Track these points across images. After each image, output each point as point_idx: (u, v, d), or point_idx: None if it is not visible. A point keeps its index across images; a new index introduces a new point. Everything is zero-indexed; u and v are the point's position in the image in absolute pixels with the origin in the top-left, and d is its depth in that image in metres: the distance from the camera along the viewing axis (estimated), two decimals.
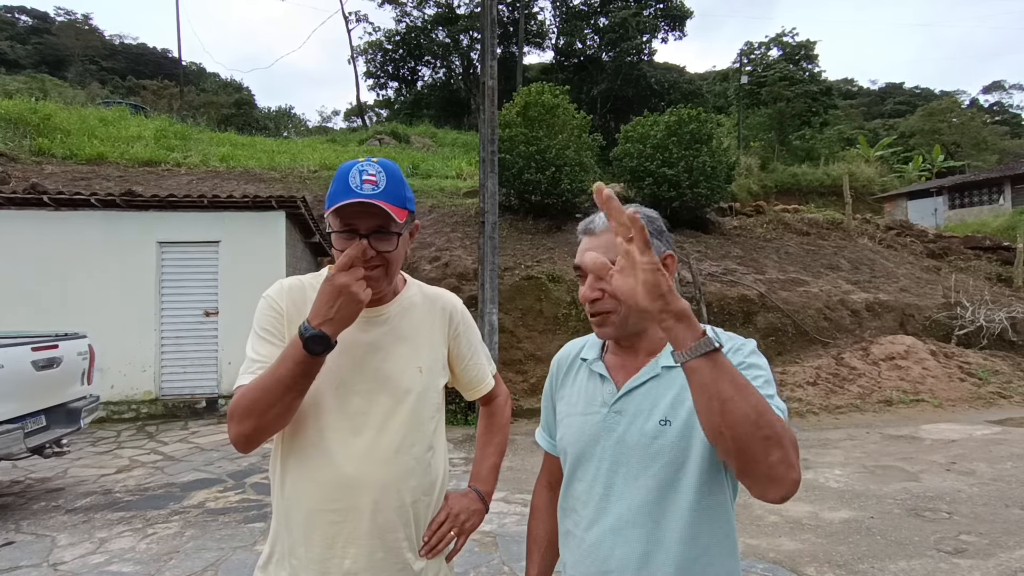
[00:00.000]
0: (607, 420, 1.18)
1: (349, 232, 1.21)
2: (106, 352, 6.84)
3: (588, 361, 1.27)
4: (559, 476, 1.34)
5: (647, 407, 1.15)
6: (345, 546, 1.26)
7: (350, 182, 1.20)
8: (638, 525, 1.11)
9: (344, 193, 1.19)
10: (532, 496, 1.46)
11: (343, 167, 1.24)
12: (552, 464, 1.40)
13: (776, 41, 29.89)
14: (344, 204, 1.17)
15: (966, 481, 5.14)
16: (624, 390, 1.18)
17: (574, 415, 1.25)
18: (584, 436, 1.21)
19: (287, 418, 1.20)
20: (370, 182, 1.21)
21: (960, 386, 8.55)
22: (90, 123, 16.54)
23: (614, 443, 1.16)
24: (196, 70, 44.57)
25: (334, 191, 1.21)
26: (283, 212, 8.43)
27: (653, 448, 1.12)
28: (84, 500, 4.79)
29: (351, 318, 1.15)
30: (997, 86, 59.70)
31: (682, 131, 12.41)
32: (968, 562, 3.60)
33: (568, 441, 1.25)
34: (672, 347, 0.95)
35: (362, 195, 1.18)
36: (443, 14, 32.86)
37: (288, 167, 16.16)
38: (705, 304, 9.60)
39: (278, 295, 1.32)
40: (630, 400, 1.17)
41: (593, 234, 1.21)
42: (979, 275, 12.72)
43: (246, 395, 1.16)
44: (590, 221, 1.24)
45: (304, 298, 1.31)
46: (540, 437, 1.43)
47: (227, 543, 3.89)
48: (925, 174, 28.21)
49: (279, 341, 1.27)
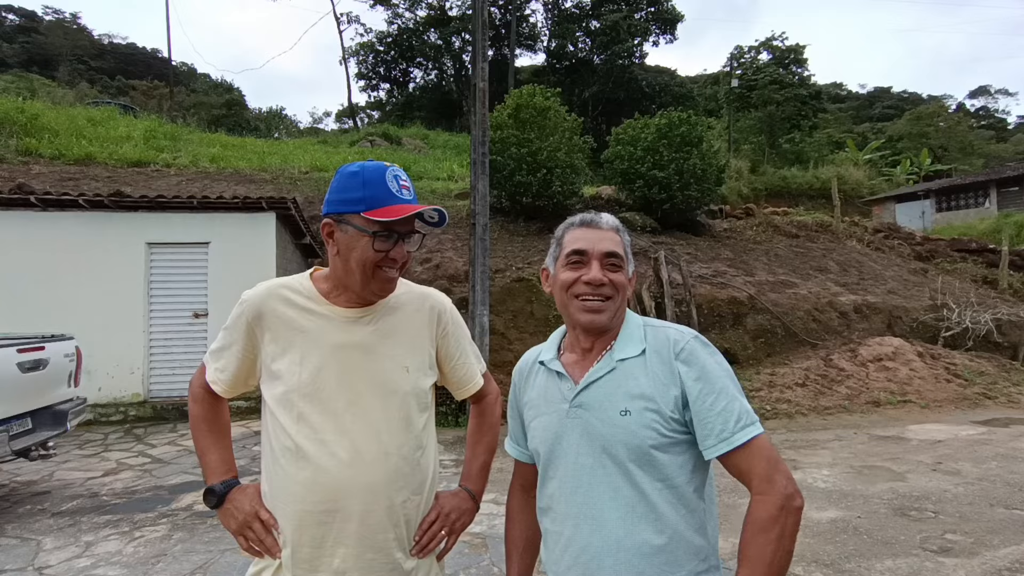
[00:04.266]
0: (569, 415, 1.22)
1: (389, 234, 1.27)
2: (94, 354, 6.77)
3: (546, 362, 1.31)
4: (532, 480, 1.38)
5: (606, 399, 1.19)
6: (334, 546, 1.26)
7: (390, 187, 1.27)
8: (608, 512, 1.16)
9: (390, 198, 1.26)
10: (507, 501, 1.50)
11: (370, 172, 1.28)
12: (523, 470, 1.44)
13: (766, 45, 30.17)
14: (404, 216, 1.25)
15: (952, 481, 5.19)
16: (582, 384, 1.22)
17: (539, 416, 1.29)
18: (549, 434, 1.25)
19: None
20: (406, 188, 1.30)
21: (946, 387, 8.64)
22: (78, 123, 16.39)
23: (578, 437, 1.20)
24: (186, 70, 44.31)
25: (373, 196, 1.25)
26: (273, 213, 8.40)
27: (616, 437, 1.16)
28: (70, 503, 4.75)
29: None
30: (983, 91, 60.46)
31: (673, 134, 12.47)
32: (953, 561, 3.64)
33: (538, 442, 1.29)
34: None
35: (408, 200, 1.28)
36: (435, 16, 32.87)
37: (279, 168, 16.10)
38: (695, 306, 9.64)
39: (252, 302, 1.36)
40: (589, 394, 1.21)
41: (598, 228, 1.27)
42: (965, 277, 12.86)
43: (191, 414, 1.45)
44: (595, 216, 1.30)
45: (282, 298, 1.34)
46: (509, 447, 1.47)
47: (215, 546, 3.87)
48: (913, 177, 28.50)
49: (238, 343, 1.36)
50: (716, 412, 1.14)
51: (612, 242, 1.25)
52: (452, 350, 1.47)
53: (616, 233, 1.28)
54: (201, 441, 1.43)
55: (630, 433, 1.15)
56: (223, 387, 1.40)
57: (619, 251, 1.26)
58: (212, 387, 1.40)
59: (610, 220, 1.30)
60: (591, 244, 1.24)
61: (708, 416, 1.14)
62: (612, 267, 1.24)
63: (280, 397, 1.30)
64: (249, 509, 1.32)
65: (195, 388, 1.45)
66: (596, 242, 1.24)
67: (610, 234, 1.27)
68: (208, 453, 1.42)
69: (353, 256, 1.27)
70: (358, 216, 1.25)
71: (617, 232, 1.29)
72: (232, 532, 1.35)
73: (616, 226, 1.30)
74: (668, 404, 1.15)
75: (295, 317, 1.33)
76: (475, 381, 1.54)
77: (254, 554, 1.34)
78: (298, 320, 1.32)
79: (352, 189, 1.26)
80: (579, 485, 1.20)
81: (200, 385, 1.43)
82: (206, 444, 1.43)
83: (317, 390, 1.28)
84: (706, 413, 1.14)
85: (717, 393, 1.15)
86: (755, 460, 1.12)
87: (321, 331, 1.31)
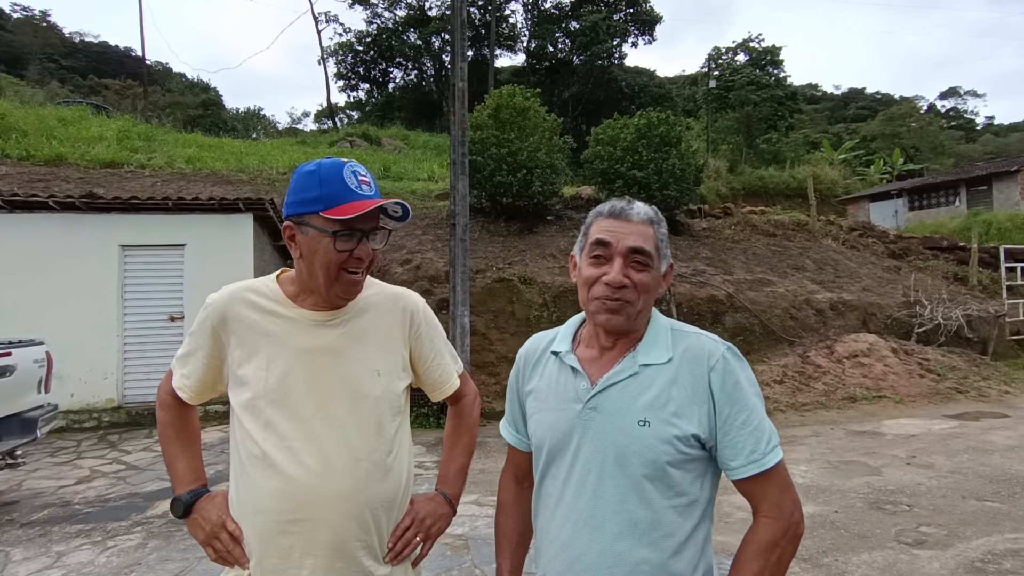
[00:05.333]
0: (582, 416, 1.15)
1: (351, 233, 1.22)
2: (65, 359, 6.62)
3: (560, 354, 1.24)
4: (526, 470, 1.32)
5: (625, 405, 1.12)
6: (303, 557, 1.23)
7: (348, 183, 1.21)
8: (611, 523, 1.10)
9: (349, 195, 1.20)
10: (499, 490, 1.44)
11: (327, 169, 1.23)
12: (518, 458, 1.38)
13: (743, 46, 30.58)
14: (362, 212, 1.19)
15: (925, 474, 5.30)
16: (600, 386, 1.15)
17: (545, 410, 1.22)
18: (557, 432, 1.18)
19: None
20: (366, 183, 1.24)
21: (919, 382, 8.82)
22: (48, 123, 16.00)
23: (589, 440, 1.13)
24: (161, 70, 43.53)
25: (331, 193, 1.20)
26: (251, 215, 8.29)
27: (631, 448, 1.09)
28: (41, 513, 4.63)
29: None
30: (953, 92, 61.78)
31: (652, 134, 12.55)
32: (928, 553, 3.71)
33: (540, 436, 1.22)
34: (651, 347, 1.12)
35: (368, 196, 1.22)
36: (414, 16, 32.74)
37: (257, 169, 15.88)
38: (675, 305, 9.72)
39: (216, 306, 1.34)
40: (606, 397, 1.14)
41: (627, 220, 1.17)
42: (937, 275, 13.14)
43: (158, 421, 1.44)
44: (626, 206, 1.19)
45: (246, 302, 1.32)
46: (505, 431, 1.41)
47: (192, 553, 3.80)
48: (886, 177, 29.06)
49: (204, 348, 1.34)
50: (747, 432, 1.09)
51: (641, 236, 1.15)
52: (426, 351, 1.43)
53: (649, 226, 1.17)
54: (169, 449, 1.40)
55: (647, 446, 1.09)
56: (189, 393, 1.37)
57: (647, 247, 1.14)
58: (179, 393, 1.38)
59: (643, 211, 1.18)
60: (617, 238, 1.14)
61: (738, 436, 1.10)
62: (637, 265, 1.14)
63: (247, 403, 1.26)
64: (216, 519, 1.30)
65: (162, 395, 1.42)
66: (623, 236, 1.14)
67: (640, 227, 1.15)
68: (176, 461, 1.39)
69: (317, 259, 1.23)
70: (317, 216, 1.21)
71: (651, 224, 1.17)
72: (200, 543, 1.32)
73: (650, 217, 1.18)
74: (694, 420, 1.10)
75: (260, 320, 1.29)
76: (451, 382, 1.50)
77: (223, 564, 1.31)
78: (263, 324, 1.29)
79: (309, 188, 1.22)
80: (582, 491, 1.13)
81: (167, 392, 1.40)
82: (174, 452, 1.40)
83: (284, 396, 1.25)
84: (736, 432, 1.10)
85: (749, 411, 1.10)
86: (772, 484, 1.10)
87: (287, 335, 1.28)
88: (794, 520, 1.09)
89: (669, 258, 1.22)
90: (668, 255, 1.22)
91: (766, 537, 1.08)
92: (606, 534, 1.10)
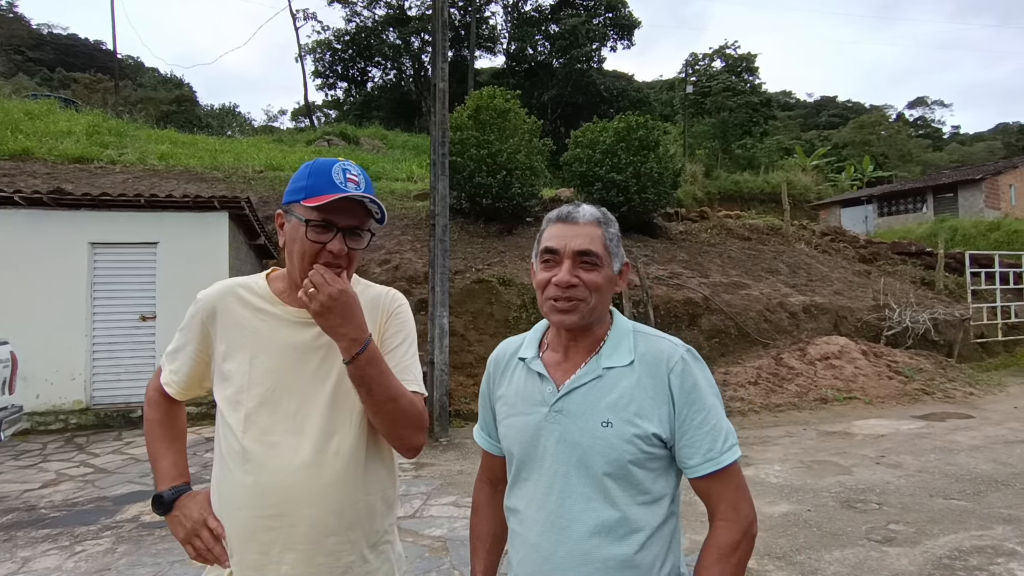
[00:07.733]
0: (548, 419, 1.18)
1: (326, 225, 1.23)
2: (31, 359, 6.44)
3: (527, 360, 1.27)
4: (500, 474, 1.35)
5: (588, 407, 1.15)
6: (282, 552, 1.23)
7: (334, 178, 1.23)
8: (578, 523, 1.13)
9: (331, 188, 1.22)
10: (473, 492, 1.46)
11: (320, 163, 1.26)
12: (492, 462, 1.40)
13: (719, 53, 31.02)
14: (331, 199, 1.20)
15: (894, 473, 5.43)
16: (565, 390, 1.18)
17: (514, 415, 1.25)
18: (526, 435, 1.21)
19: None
20: (353, 181, 1.25)
21: (888, 384, 9.03)
22: (14, 116, 15.56)
23: (555, 443, 1.16)
24: (133, 64, 42.65)
25: (315, 184, 1.23)
26: (226, 213, 8.15)
27: (595, 448, 1.13)
28: (5, 517, 4.49)
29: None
30: (921, 101, 63.43)
31: (630, 138, 12.66)
32: (897, 550, 3.80)
33: (511, 441, 1.25)
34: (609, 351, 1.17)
35: (351, 192, 1.22)
36: (394, 15, 32.54)
37: (232, 167, 15.63)
38: (652, 307, 9.82)
39: (207, 300, 1.34)
40: (571, 400, 1.17)
41: (574, 223, 1.20)
42: (905, 279, 13.48)
43: (145, 418, 1.42)
44: (573, 210, 1.22)
45: (237, 298, 1.32)
46: (478, 436, 1.43)
47: (164, 557, 3.72)
48: (856, 183, 29.75)
49: (192, 343, 1.34)
50: (705, 431, 1.13)
51: (588, 238, 1.17)
52: (386, 344, 1.36)
53: (596, 227, 1.20)
54: (154, 446, 1.40)
55: (609, 446, 1.12)
56: (177, 389, 1.38)
57: (595, 248, 1.17)
58: (166, 389, 1.38)
59: (590, 213, 1.21)
60: (563, 242, 1.17)
61: (696, 435, 1.13)
62: (586, 265, 1.17)
63: (230, 399, 1.27)
64: (197, 517, 1.29)
65: (150, 391, 1.42)
66: (570, 239, 1.17)
67: (587, 229, 1.18)
68: (160, 459, 1.38)
69: (295, 248, 1.25)
70: (299, 205, 1.24)
71: (599, 225, 1.20)
72: (180, 540, 1.31)
73: (597, 219, 1.21)
74: (654, 420, 1.13)
75: (248, 317, 1.31)
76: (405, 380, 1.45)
77: (203, 562, 1.30)
78: (251, 320, 1.30)
79: (300, 179, 1.26)
80: (551, 492, 1.16)
81: (155, 388, 1.41)
82: (159, 449, 1.39)
83: (267, 391, 1.25)
84: (694, 432, 1.13)
85: (707, 411, 1.14)
86: (728, 485, 1.14)
87: (273, 332, 1.29)
88: (750, 520, 1.14)
89: (623, 257, 1.25)
90: (621, 254, 1.24)
91: (726, 540, 1.11)
92: (574, 534, 1.13)
